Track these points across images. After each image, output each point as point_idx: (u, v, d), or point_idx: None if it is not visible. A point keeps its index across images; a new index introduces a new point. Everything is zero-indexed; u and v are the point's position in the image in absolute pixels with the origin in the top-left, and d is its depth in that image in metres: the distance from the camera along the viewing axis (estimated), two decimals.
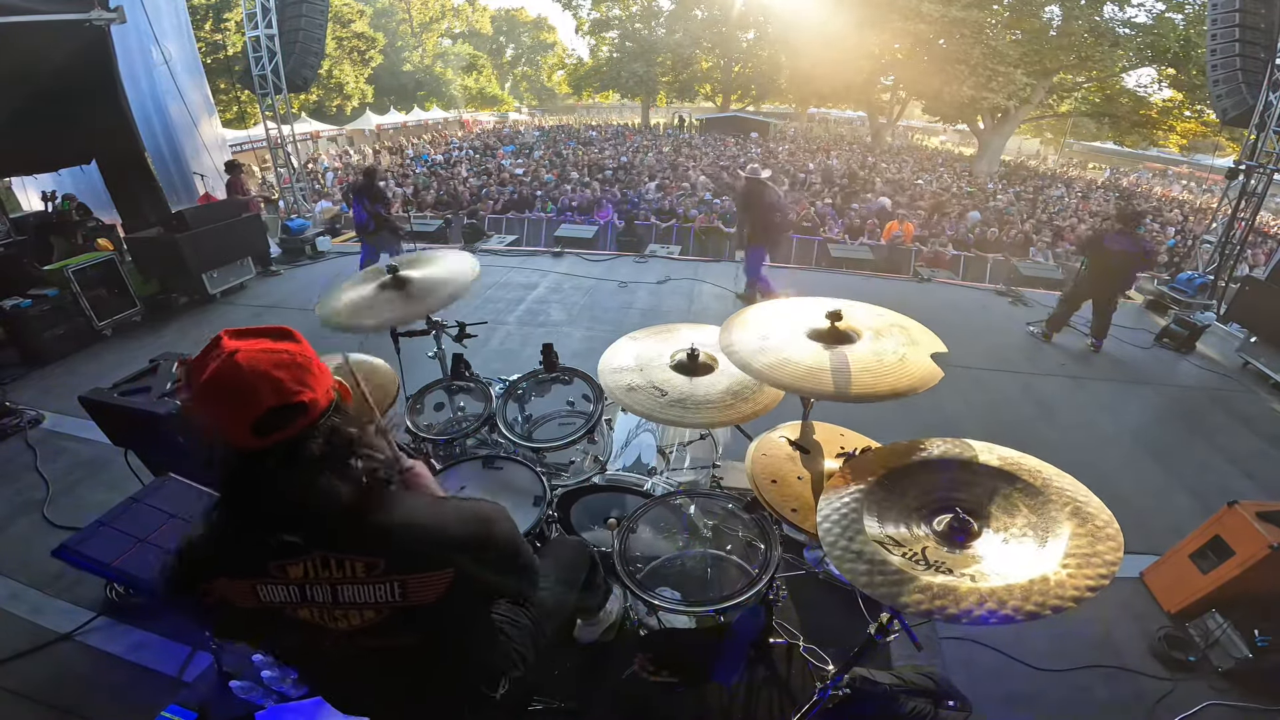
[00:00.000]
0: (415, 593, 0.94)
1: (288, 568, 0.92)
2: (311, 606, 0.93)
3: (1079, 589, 1.07)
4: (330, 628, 0.95)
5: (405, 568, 0.93)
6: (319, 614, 0.94)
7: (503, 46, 39.85)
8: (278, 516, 0.89)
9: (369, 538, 0.93)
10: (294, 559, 0.91)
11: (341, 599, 0.93)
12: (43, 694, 2.20)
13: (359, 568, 0.92)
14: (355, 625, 0.94)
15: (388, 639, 0.97)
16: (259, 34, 8.94)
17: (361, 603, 0.93)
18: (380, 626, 0.95)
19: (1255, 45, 7.20)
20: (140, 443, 2.95)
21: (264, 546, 0.91)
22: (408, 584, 0.93)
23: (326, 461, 0.88)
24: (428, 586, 0.94)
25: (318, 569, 0.91)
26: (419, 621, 0.97)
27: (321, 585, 0.92)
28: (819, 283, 7.49)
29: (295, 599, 0.93)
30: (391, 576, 0.92)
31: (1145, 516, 3.32)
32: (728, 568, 1.85)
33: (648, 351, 2.10)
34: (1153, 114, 20.36)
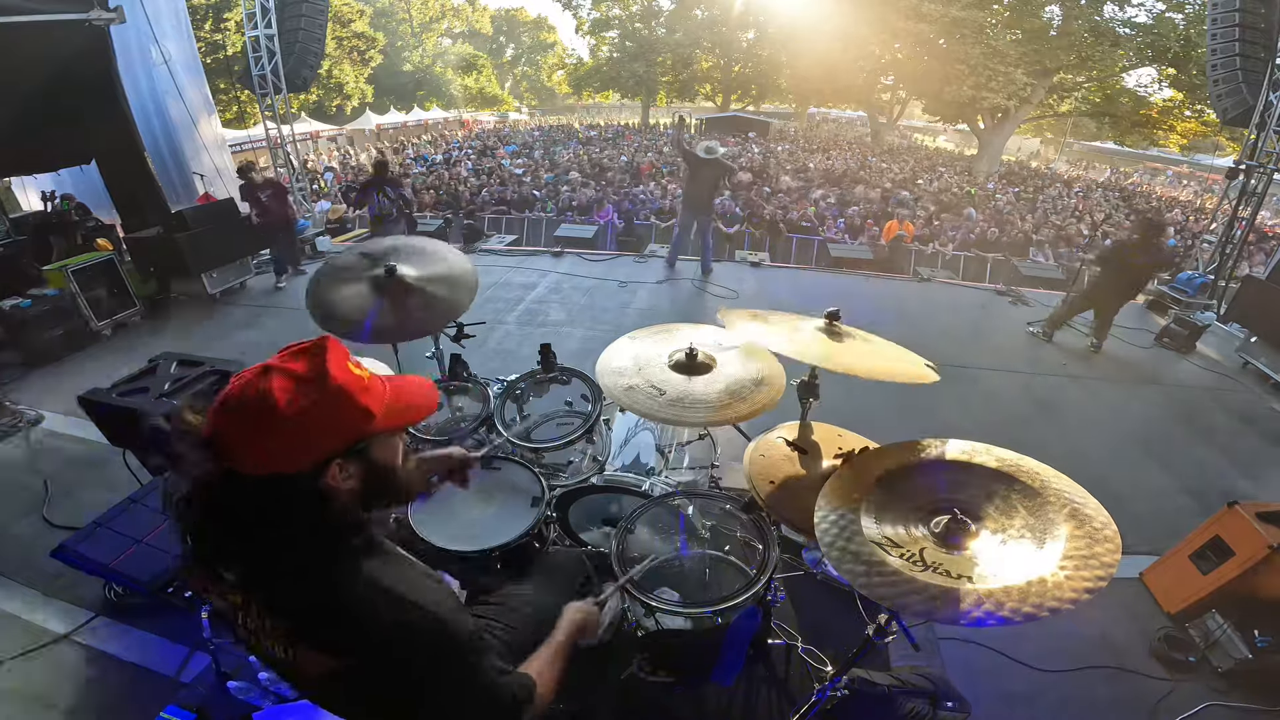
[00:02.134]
0: (304, 665, 0.87)
1: (228, 591, 0.88)
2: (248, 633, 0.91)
3: (1077, 590, 1.06)
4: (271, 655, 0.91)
5: (305, 636, 0.86)
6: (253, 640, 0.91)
7: (503, 46, 39.89)
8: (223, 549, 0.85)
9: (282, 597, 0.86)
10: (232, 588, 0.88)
11: (261, 638, 0.89)
12: (41, 694, 2.20)
13: (268, 623, 0.87)
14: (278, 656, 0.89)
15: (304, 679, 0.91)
16: (259, 34, 8.93)
17: (270, 652, 0.89)
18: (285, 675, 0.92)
19: (1255, 45, 7.19)
20: (139, 443, 2.95)
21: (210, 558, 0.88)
22: (299, 655, 0.87)
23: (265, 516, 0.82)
24: (315, 665, 0.87)
25: (246, 606, 0.88)
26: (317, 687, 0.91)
27: (250, 619, 0.89)
28: (819, 283, 7.48)
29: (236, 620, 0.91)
30: (288, 642, 0.87)
31: (1145, 517, 3.31)
32: (725, 568, 1.85)
33: (646, 351, 2.09)
34: (1153, 114, 20.36)
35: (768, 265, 7.91)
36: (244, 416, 0.80)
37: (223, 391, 0.83)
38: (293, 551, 0.84)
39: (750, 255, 8.21)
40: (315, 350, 0.85)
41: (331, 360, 0.85)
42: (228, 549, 0.84)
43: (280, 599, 0.86)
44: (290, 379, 0.81)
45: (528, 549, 1.84)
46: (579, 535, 2.19)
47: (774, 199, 12.53)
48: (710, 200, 6.95)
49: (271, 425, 0.79)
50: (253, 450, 0.80)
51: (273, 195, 6.44)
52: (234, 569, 0.85)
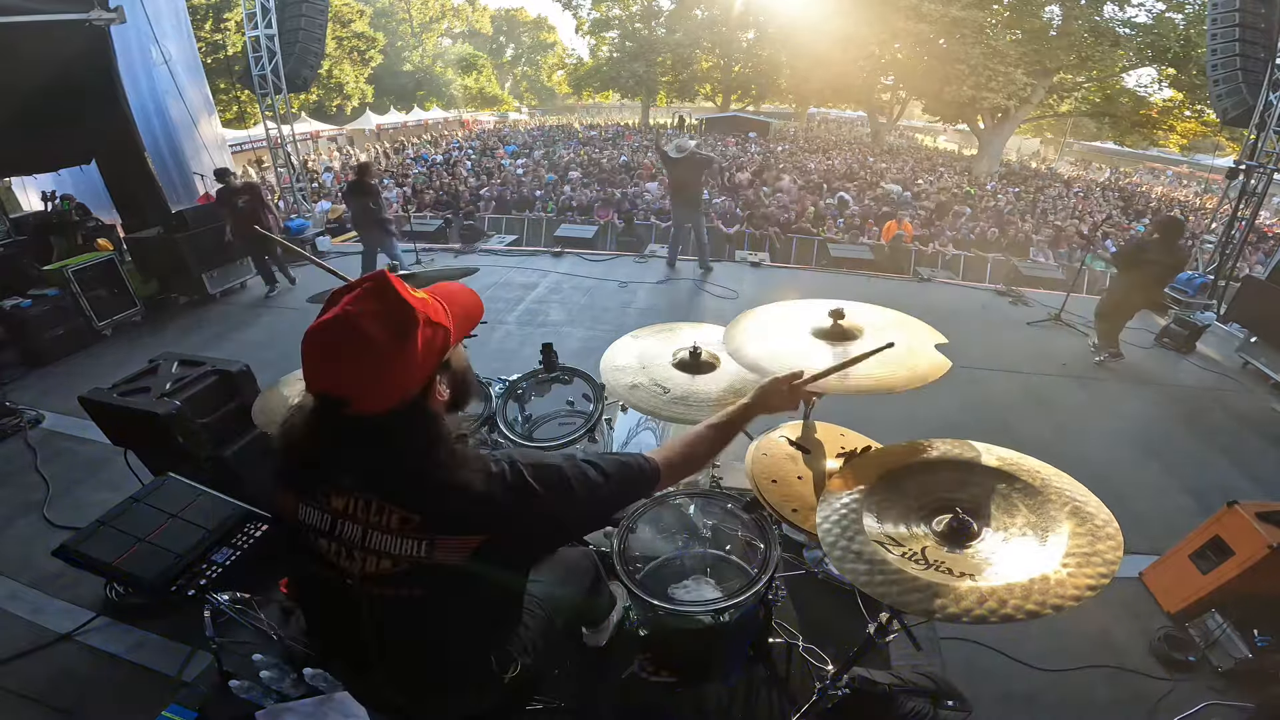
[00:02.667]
0: (441, 554, 0.92)
1: (332, 496, 0.94)
2: (336, 541, 0.94)
3: (1079, 588, 1.07)
4: (343, 567, 0.94)
5: (439, 528, 0.92)
6: (338, 551, 0.94)
7: (503, 46, 39.88)
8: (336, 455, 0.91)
9: (414, 493, 0.92)
10: (341, 491, 0.93)
11: (368, 543, 0.92)
12: (43, 694, 2.20)
13: (394, 519, 0.91)
14: (370, 571, 0.93)
15: (399, 589, 0.95)
16: (259, 34, 8.94)
17: (384, 552, 0.92)
18: (394, 577, 0.94)
19: (1255, 45, 7.20)
20: (140, 443, 2.95)
21: (320, 469, 0.95)
22: (436, 544, 0.92)
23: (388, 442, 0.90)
24: (455, 550, 0.92)
25: (357, 507, 0.92)
26: (435, 580, 0.95)
27: (354, 524, 0.93)
28: (818, 283, 7.49)
29: (326, 528, 0.94)
30: (423, 535, 0.91)
31: (1145, 516, 3.32)
32: (727, 567, 1.85)
33: (650, 350, 2.10)
34: (1153, 114, 20.37)
35: (768, 265, 7.92)
36: (356, 364, 0.85)
37: (315, 346, 0.86)
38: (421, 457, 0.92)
39: (750, 255, 8.22)
40: (382, 286, 0.89)
41: (402, 291, 0.89)
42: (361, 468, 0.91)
43: (414, 496, 0.92)
44: (378, 319, 0.85)
45: None
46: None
47: (774, 198, 12.53)
48: (697, 198, 6.81)
49: (382, 364, 0.85)
50: (374, 391, 0.86)
51: (249, 202, 6.04)
52: (353, 475, 0.92)
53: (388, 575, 0.93)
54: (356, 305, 0.87)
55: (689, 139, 6.98)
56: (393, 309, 0.87)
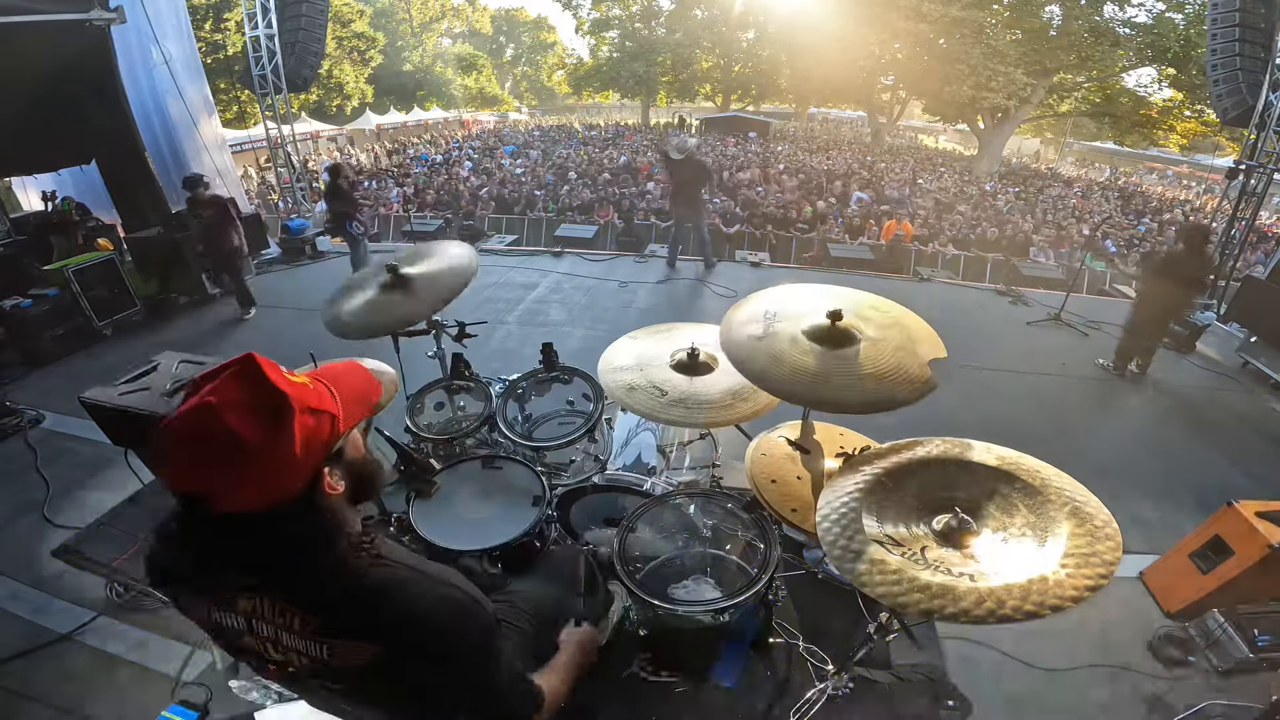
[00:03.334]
0: (340, 657, 0.88)
1: (238, 599, 0.88)
2: (256, 639, 0.90)
3: (1078, 589, 1.07)
4: (271, 657, 0.92)
5: (335, 630, 0.87)
6: (263, 647, 0.91)
7: (503, 46, 39.84)
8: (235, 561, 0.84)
9: (313, 595, 0.87)
10: (243, 594, 0.88)
11: (283, 642, 0.89)
12: (43, 694, 2.20)
13: (297, 621, 0.87)
14: (294, 667, 0.91)
15: (324, 682, 0.93)
16: (259, 34, 8.95)
17: (298, 650, 0.89)
18: (318, 673, 0.91)
19: (1255, 45, 7.20)
20: (140, 443, 2.94)
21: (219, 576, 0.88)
22: (335, 649, 0.87)
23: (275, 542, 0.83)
24: (352, 655, 0.87)
25: (263, 609, 0.88)
26: (352, 679, 0.91)
27: (266, 624, 0.88)
28: (818, 283, 7.47)
29: (243, 629, 0.90)
30: (321, 637, 0.87)
31: (1145, 516, 3.32)
32: (727, 567, 1.85)
33: (648, 351, 2.10)
34: (1153, 114, 20.37)
35: (768, 265, 7.92)
36: (218, 463, 0.75)
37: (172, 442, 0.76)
38: (311, 556, 0.85)
39: (750, 255, 8.22)
40: (250, 370, 0.80)
41: (275, 378, 0.80)
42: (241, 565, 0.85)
43: (306, 597, 0.87)
44: (243, 410, 0.76)
45: (528, 548, 1.84)
46: (580, 534, 2.19)
47: (771, 196, 12.53)
48: (697, 199, 6.83)
49: (249, 462, 0.76)
50: (241, 493, 0.77)
51: (213, 218, 5.39)
52: (249, 576, 0.86)
53: (308, 669, 0.91)
54: (218, 394, 0.77)
55: (690, 139, 7.02)
56: (261, 397, 0.78)
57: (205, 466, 0.76)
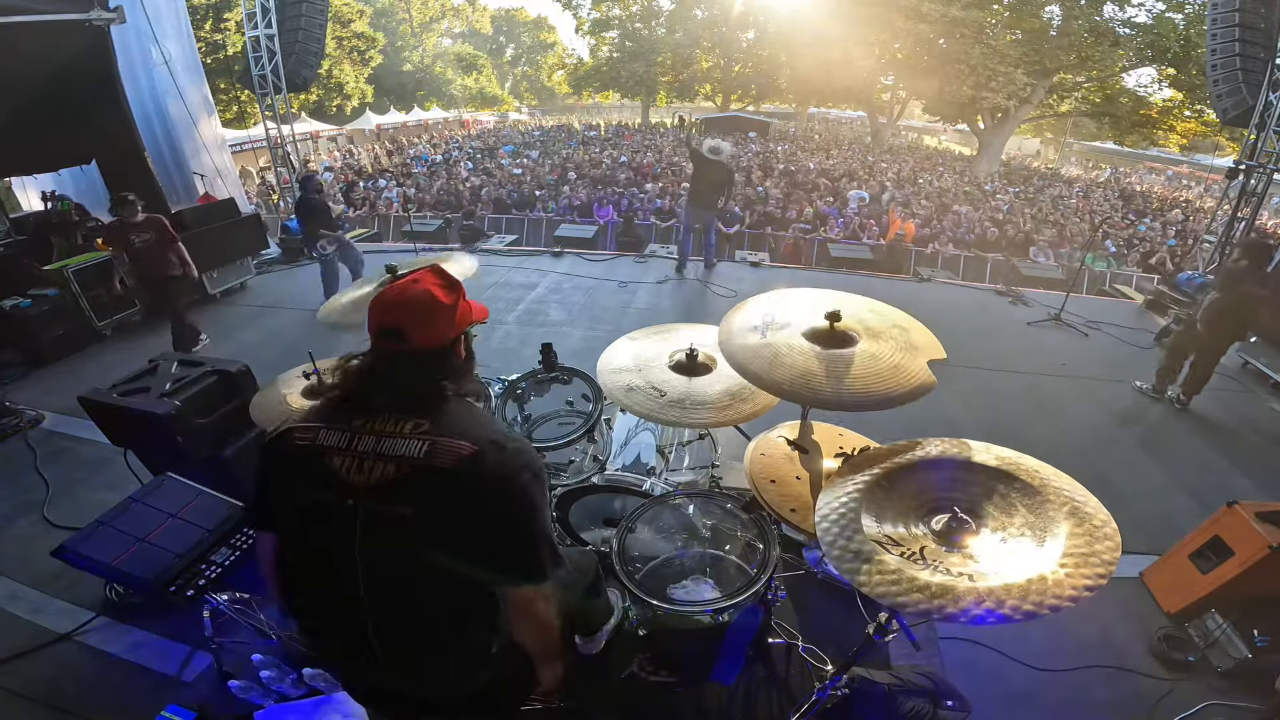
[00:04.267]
0: (437, 455, 1.06)
1: (355, 418, 1.12)
2: (349, 455, 1.08)
3: (1077, 589, 1.07)
4: (349, 480, 1.07)
5: (441, 431, 1.09)
6: (349, 464, 1.08)
7: (503, 46, 39.83)
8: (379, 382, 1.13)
9: (430, 406, 1.13)
10: (365, 414, 1.12)
11: (380, 449, 1.08)
12: (42, 694, 2.20)
13: (408, 425, 1.09)
14: (373, 480, 1.06)
15: (394, 503, 1.06)
16: (259, 34, 8.95)
17: (390, 455, 1.07)
18: (394, 486, 1.06)
19: (1255, 45, 7.20)
20: (139, 443, 2.95)
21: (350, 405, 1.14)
22: (436, 445, 1.07)
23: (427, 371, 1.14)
24: (449, 451, 1.06)
25: (377, 422, 1.10)
26: (426, 493, 1.06)
27: (371, 435, 1.09)
28: (818, 283, 7.47)
29: (344, 444, 1.09)
30: (428, 435, 1.08)
31: (1145, 516, 3.32)
32: (726, 567, 1.85)
33: (646, 351, 2.10)
34: (1153, 114, 20.36)
35: (768, 265, 7.92)
36: (420, 308, 1.14)
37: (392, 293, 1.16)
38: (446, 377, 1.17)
39: (750, 255, 8.22)
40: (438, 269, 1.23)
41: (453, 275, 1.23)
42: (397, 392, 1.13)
43: (427, 407, 1.13)
44: (438, 284, 1.17)
45: None
46: (580, 534, 2.19)
47: (769, 196, 12.53)
48: (715, 199, 6.89)
49: (436, 312, 1.16)
50: (427, 330, 1.14)
51: (150, 242, 4.63)
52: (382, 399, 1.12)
53: (389, 484, 1.06)
54: (423, 277, 1.19)
55: (726, 145, 7.10)
56: (447, 281, 1.20)
57: (411, 311, 1.14)
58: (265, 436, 1.20)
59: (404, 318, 1.13)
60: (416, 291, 1.15)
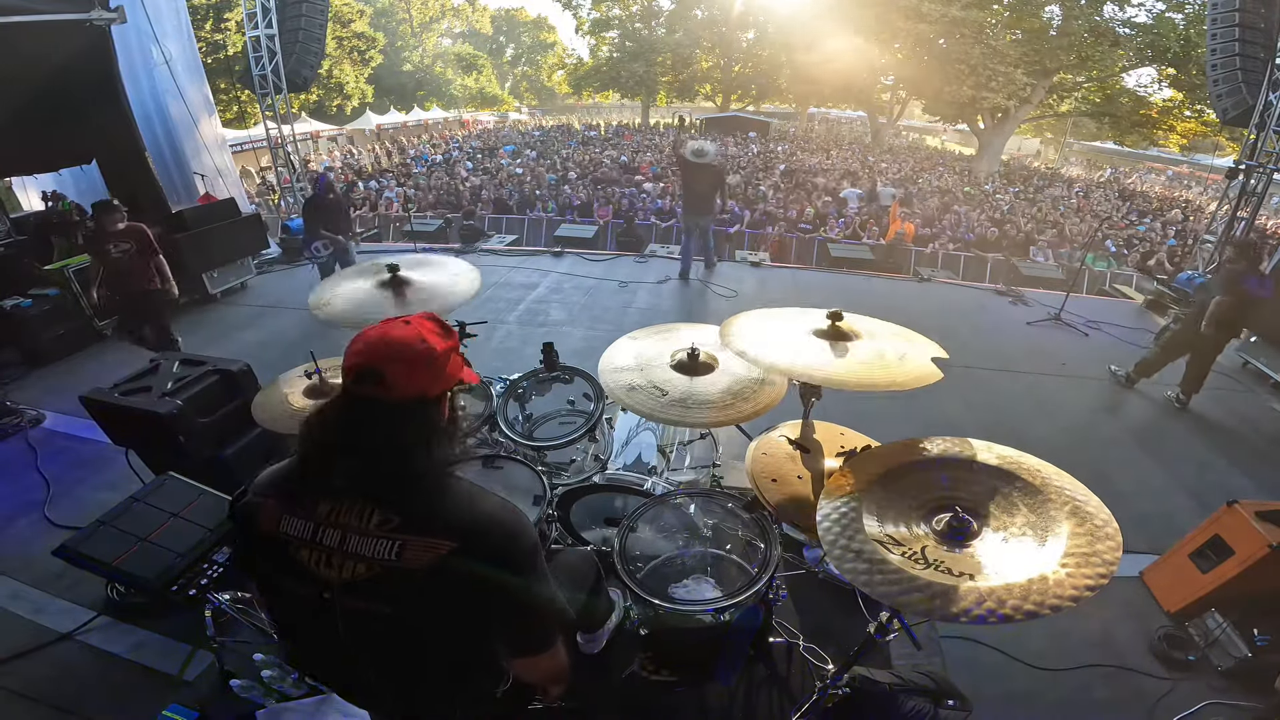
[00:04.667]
0: (410, 556, 0.96)
1: (320, 502, 1.01)
2: (315, 548, 0.99)
3: (1078, 588, 1.07)
4: (320, 575, 0.99)
5: (412, 528, 0.98)
6: (317, 557, 0.99)
7: (503, 46, 39.81)
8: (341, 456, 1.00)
9: (397, 494, 1.00)
10: (330, 497, 1.00)
11: (346, 547, 0.98)
12: (43, 694, 2.20)
13: (375, 520, 0.98)
14: (346, 578, 0.98)
15: (370, 602, 0.99)
16: (259, 34, 8.95)
17: (359, 554, 0.97)
18: (368, 585, 0.98)
19: (1255, 45, 7.20)
20: (141, 442, 2.95)
21: (315, 481, 1.02)
22: (407, 545, 0.97)
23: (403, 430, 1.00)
24: (423, 552, 0.97)
25: (341, 512, 0.99)
26: (403, 592, 0.98)
27: (336, 529, 0.99)
28: (819, 283, 7.49)
29: (308, 536, 1.00)
30: (397, 534, 0.97)
31: (1145, 516, 3.32)
32: (727, 567, 1.86)
33: (648, 351, 2.10)
34: (1153, 114, 20.37)
35: (768, 265, 7.92)
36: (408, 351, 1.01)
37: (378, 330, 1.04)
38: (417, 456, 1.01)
39: (750, 255, 8.22)
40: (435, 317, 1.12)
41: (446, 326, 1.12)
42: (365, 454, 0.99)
43: (394, 496, 1.00)
44: (432, 330, 1.06)
45: None
46: (581, 534, 2.20)
47: (769, 197, 12.54)
48: (710, 203, 6.67)
49: (421, 359, 1.02)
50: (413, 377, 1.01)
51: (131, 253, 4.33)
52: (346, 476, 1.00)
53: (362, 583, 0.98)
54: (417, 321, 1.07)
55: (710, 144, 6.86)
56: (442, 329, 1.10)
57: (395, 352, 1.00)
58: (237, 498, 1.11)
59: (386, 358, 0.99)
60: (404, 331, 1.03)
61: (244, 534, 1.07)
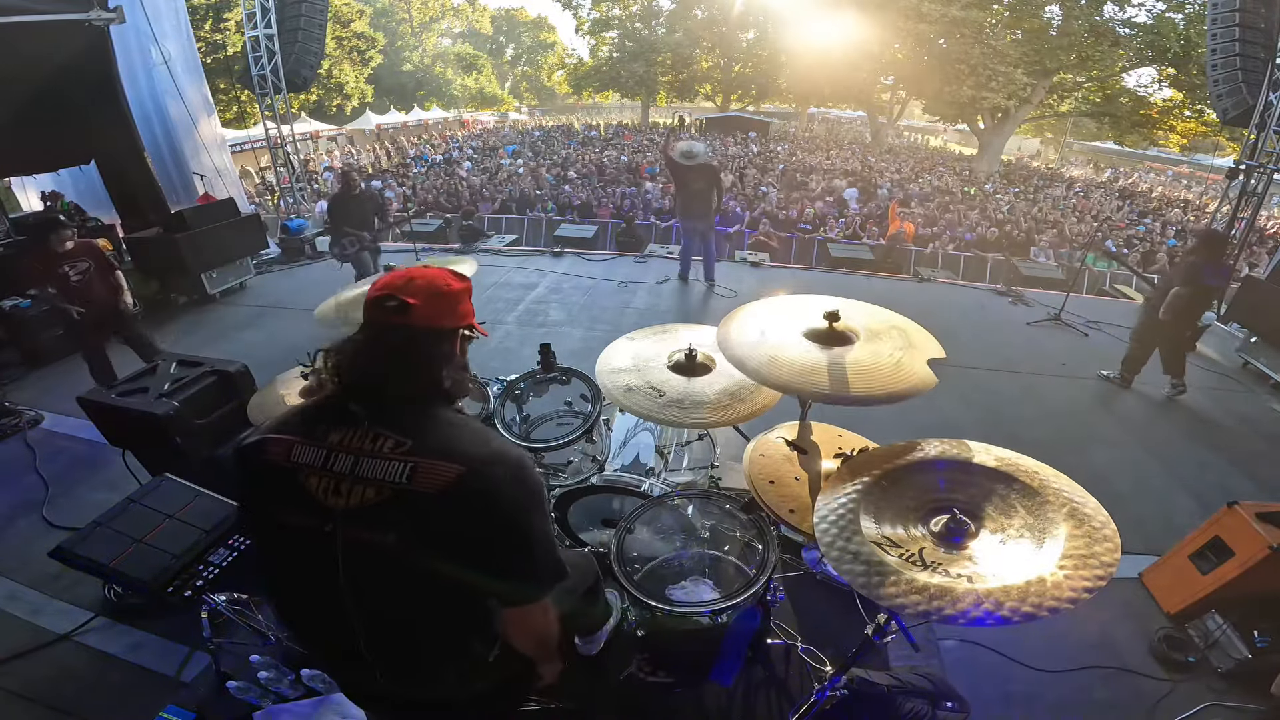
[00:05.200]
0: (421, 478, 0.98)
1: (331, 432, 1.04)
2: (325, 475, 1.01)
3: (1076, 590, 1.06)
4: (326, 504, 1.00)
5: (424, 451, 1.00)
6: (326, 485, 1.00)
7: (503, 46, 39.83)
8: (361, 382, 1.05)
9: (411, 421, 1.04)
10: (342, 427, 1.03)
11: (357, 471, 1.00)
12: (41, 694, 2.19)
13: (389, 444, 1.01)
14: (353, 504, 0.99)
15: (374, 530, 0.99)
16: (259, 34, 8.95)
17: (369, 478, 0.99)
18: (374, 511, 0.99)
19: (1255, 45, 7.20)
20: (138, 443, 2.94)
21: (328, 412, 1.06)
22: (419, 467, 0.99)
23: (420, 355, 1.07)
24: (434, 475, 0.98)
25: (354, 438, 1.02)
26: (409, 519, 0.99)
27: (348, 454, 1.01)
28: (819, 283, 7.48)
29: (319, 463, 1.02)
30: (410, 456, 0.99)
31: (1145, 517, 3.31)
32: (725, 568, 1.85)
33: (645, 352, 2.10)
34: (1153, 114, 20.37)
35: (768, 265, 7.92)
36: (429, 285, 1.10)
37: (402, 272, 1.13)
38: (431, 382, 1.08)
39: (750, 255, 8.21)
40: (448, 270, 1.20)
41: None
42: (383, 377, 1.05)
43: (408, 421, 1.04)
44: (450, 274, 1.16)
45: None
46: (578, 535, 2.19)
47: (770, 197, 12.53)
48: (707, 207, 6.23)
49: (443, 294, 1.12)
50: (434, 306, 1.09)
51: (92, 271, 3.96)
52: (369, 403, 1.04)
53: (369, 508, 0.99)
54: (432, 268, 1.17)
55: (698, 144, 6.46)
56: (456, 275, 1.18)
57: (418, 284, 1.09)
58: (239, 442, 1.11)
59: (409, 289, 1.07)
60: (425, 272, 1.14)
61: (249, 470, 1.09)
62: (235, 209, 6.86)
